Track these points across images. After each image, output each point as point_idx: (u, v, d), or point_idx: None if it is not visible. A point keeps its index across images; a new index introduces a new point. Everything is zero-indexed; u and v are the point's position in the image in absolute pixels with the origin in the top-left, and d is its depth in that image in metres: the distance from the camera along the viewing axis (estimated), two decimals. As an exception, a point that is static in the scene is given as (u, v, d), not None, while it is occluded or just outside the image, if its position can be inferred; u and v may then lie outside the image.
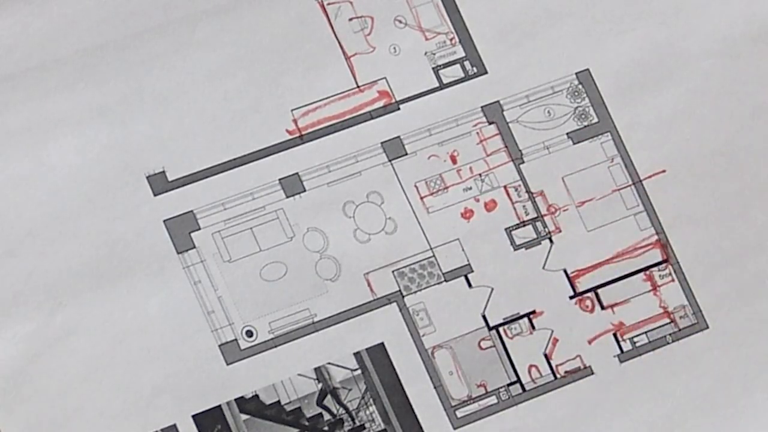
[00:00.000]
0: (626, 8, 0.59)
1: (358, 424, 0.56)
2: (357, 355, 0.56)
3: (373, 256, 0.57)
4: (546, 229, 0.58)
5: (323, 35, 0.58)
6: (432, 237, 0.57)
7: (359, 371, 0.56)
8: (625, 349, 0.57)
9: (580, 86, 0.59)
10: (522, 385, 0.57)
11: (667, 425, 0.57)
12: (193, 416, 0.55)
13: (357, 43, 0.58)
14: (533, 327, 0.57)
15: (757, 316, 0.58)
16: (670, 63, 0.59)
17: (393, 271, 0.57)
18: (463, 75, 0.58)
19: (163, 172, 0.56)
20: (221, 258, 0.56)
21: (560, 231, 0.58)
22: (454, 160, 0.58)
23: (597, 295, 0.58)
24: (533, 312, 0.57)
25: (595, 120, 0.59)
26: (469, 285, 0.57)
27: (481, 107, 0.58)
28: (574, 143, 0.58)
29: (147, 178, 0.56)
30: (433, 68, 0.58)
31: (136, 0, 0.57)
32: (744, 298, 0.58)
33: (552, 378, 0.57)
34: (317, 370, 0.56)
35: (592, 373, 0.57)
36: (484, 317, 0.57)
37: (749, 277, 0.58)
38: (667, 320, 0.58)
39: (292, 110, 0.57)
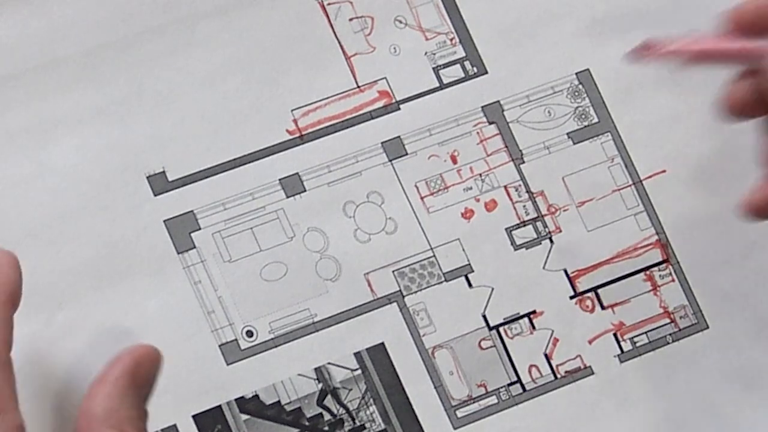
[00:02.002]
0: (626, 8, 0.59)
1: (358, 424, 0.56)
2: (357, 355, 0.56)
3: (374, 256, 0.57)
4: (546, 229, 0.58)
5: (323, 35, 0.58)
6: (432, 237, 0.57)
7: (359, 371, 0.56)
8: (625, 349, 0.57)
9: (580, 86, 0.59)
10: (522, 385, 0.57)
11: (667, 425, 0.57)
12: (193, 416, 0.55)
13: (357, 43, 0.58)
14: (533, 327, 0.57)
15: (757, 316, 0.58)
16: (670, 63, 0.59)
17: (393, 271, 0.57)
18: (463, 75, 0.58)
19: (163, 172, 0.56)
20: (221, 258, 0.56)
21: (560, 231, 0.58)
22: (454, 160, 0.58)
23: (597, 295, 0.58)
24: (533, 312, 0.57)
25: (595, 120, 0.59)
26: (470, 285, 0.57)
27: (482, 107, 0.58)
28: (575, 143, 0.58)
29: (147, 178, 0.56)
30: (433, 68, 0.58)
31: (136, 0, 0.57)
32: (744, 298, 0.58)
33: (552, 378, 0.57)
34: (317, 370, 0.56)
35: (593, 373, 0.57)
36: (484, 317, 0.57)
37: (749, 277, 0.58)
38: (667, 320, 0.58)
39: (292, 110, 0.57)
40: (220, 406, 0.55)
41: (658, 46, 0.53)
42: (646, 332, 0.58)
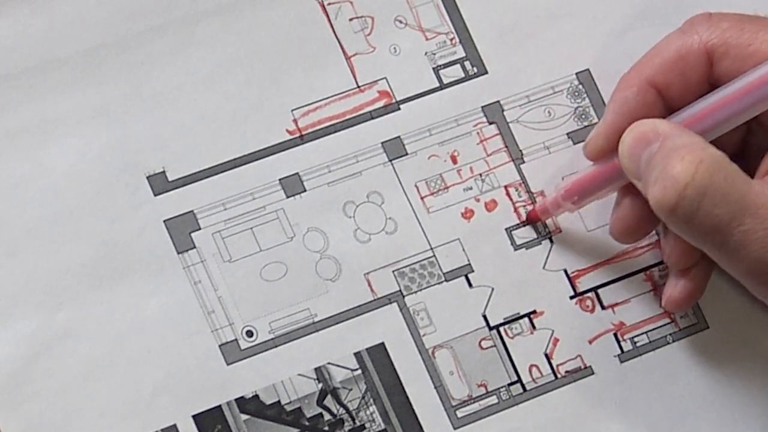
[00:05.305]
0: (626, 8, 0.59)
1: (358, 424, 0.56)
2: (357, 355, 0.56)
3: (374, 256, 0.57)
4: (546, 230, 0.58)
5: (323, 35, 0.58)
6: (432, 237, 0.57)
7: (359, 371, 0.56)
8: (625, 349, 0.57)
9: (580, 86, 0.59)
10: (523, 385, 0.57)
11: (667, 425, 0.57)
12: (193, 416, 0.55)
13: (357, 43, 0.58)
14: (534, 327, 0.57)
15: (757, 316, 0.58)
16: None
17: (393, 271, 0.57)
18: (463, 75, 0.58)
19: (163, 172, 0.56)
20: (221, 258, 0.56)
21: (560, 231, 0.58)
22: (454, 160, 0.58)
23: (597, 295, 0.58)
24: (534, 312, 0.57)
25: (595, 120, 0.59)
26: (470, 285, 0.57)
27: (482, 107, 0.58)
28: (575, 143, 0.58)
29: (147, 178, 0.56)
30: (433, 68, 0.58)
31: (136, 0, 0.57)
32: (744, 298, 0.58)
33: (552, 378, 0.57)
34: (317, 370, 0.56)
35: (593, 373, 0.57)
36: (484, 317, 0.57)
37: (749, 277, 0.58)
38: (668, 320, 0.58)
39: (292, 110, 0.57)
40: (220, 406, 0.55)
41: (541, 207, 0.57)
42: (646, 332, 0.58)
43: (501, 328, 0.57)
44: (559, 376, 0.57)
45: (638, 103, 0.53)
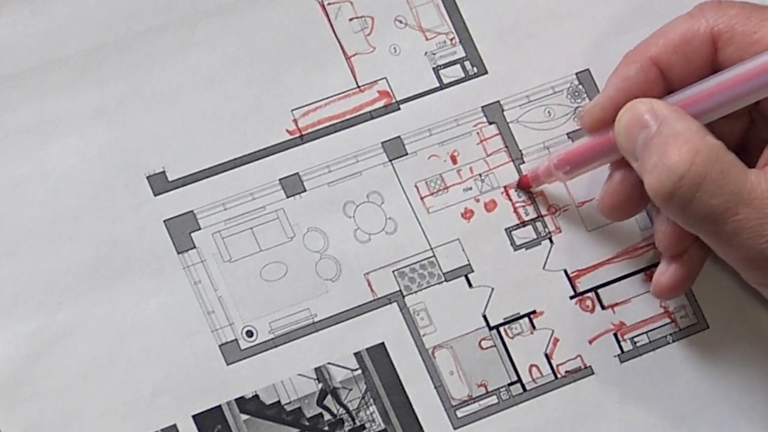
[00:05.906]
0: (626, 8, 0.59)
1: (358, 424, 0.56)
2: (357, 355, 0.56)
3: (374, 256, 0.57)
4: (546, 230, 0.58)
5: (323, 35, 0.58)
6: (432, 237, 0.57)
7: (359, 371, 0.56)
8: (625, 349, 0.57)
9: (580, 86, 0.59)
10: (523, 385, 0.57)
11: (667, 425, 0.57)
12: (193, 416, 0.55)
13: (357, 43, 0.58)
14: (534, 327, 0.57)
15: (757, 316, 0.58)
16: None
17: (393, 271, 0.57)
18: (463, 75, 0.58)
19: (163, 172, 0.56)
20: (221, 258, 0.56)
21: (560, 231, 0.58)
22: (454, 160, 0.58)
23: (597, 295, 0.58)
24: (534, 312, 0.57)
25: (595, 120, 0.58)
26: (470, 285, 0.57)
27: (482, 107, 0.58)
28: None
29: (147, 178, 0.56)
30: (433, 68, 0.58)
31: (136, 0, 0.57)
32: (744, 298, 0.58)
33: (552, 378, 0.57)
34: (317, 370, 0.56)
35: (593, 373, 0.57)
36: (484, 317, 0.57)
37: (749, 277, 0.58)
38: (668, 320, 0.58)
39: (292, 110, 0.57)
40: (220, 406, 0.55)
41: (532, 174, 0.57)
42: (646, 332, 0.58)
43: (501, 328, 0.57)
44: (559, 376, 0.57)
45: (639, 80, 0.54)
